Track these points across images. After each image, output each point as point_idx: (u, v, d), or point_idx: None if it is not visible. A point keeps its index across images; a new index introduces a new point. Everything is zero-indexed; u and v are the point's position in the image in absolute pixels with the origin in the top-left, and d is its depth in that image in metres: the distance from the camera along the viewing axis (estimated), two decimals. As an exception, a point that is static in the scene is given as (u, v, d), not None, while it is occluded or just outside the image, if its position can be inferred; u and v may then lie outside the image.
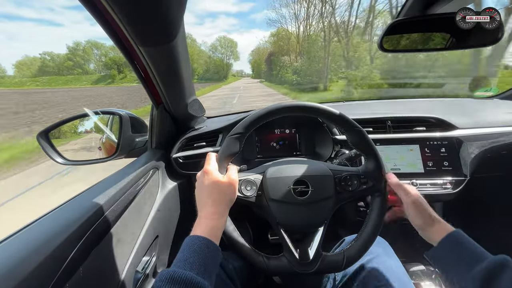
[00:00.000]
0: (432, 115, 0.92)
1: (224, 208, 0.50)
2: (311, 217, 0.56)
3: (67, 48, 77.82)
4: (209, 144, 0.94)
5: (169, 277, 0.35)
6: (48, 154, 0.78)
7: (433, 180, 0.86)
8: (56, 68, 74.10)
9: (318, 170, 0.59)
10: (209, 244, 0.42)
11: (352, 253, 0.54)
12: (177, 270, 0.36)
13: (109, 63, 67.97)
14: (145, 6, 0.43)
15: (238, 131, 0.56)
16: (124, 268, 0.57)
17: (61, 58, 75.87)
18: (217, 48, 77.53)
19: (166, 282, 0.34)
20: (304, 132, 1.03)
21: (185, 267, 0.38)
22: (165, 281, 0.34)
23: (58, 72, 73.12)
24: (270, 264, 0.54)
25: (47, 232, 0.41)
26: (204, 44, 78.82)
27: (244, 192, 0.58)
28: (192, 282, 0.35)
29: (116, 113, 0.88)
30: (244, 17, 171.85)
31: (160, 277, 0.35)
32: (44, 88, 46.62)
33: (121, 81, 60.19)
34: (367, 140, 0.58)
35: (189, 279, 0.35)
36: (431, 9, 0.63)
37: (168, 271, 0.36)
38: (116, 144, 0.85)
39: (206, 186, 0.50)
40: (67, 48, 77.80)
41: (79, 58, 75.35)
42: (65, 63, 73.92)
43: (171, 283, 0.34)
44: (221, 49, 77.28)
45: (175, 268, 0.37)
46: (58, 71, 73.56)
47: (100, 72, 72.17)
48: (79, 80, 64.41)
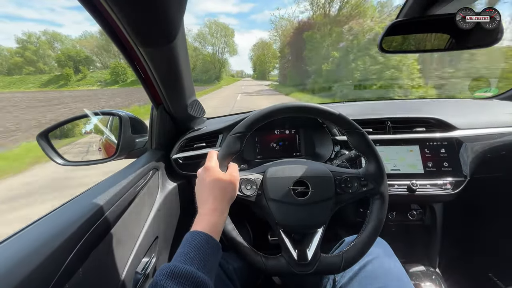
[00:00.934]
0: (432, 116, 0.92)
1: (224, 205, 0.50)
2: (310, 218, 0.56)
3: (16, 40, 58.59)
4: (209, 144, 0.94)
5: (170, 271, 0.35)
6: (48, 155, 0.78)
7: (433, 181, 0.86)
8: (6, 67, 55.69)
9: (318, 171, 0.59)
10: (210, 240, 0.42)
11: (351, 255, 0.54)
12: (177, 264, 0.36)
13: (62, 58, 52.69)
14: (145, 7, 0.43)
15: (240, 130, 0.57)
16: (124, 269, 0.57)
17: (12, 53, 57.42)
18: (206, 38, 56.09)
19: (167, 276, 0.34)
20: (304, 132, 1.03)
21: (185, 262, 0.37)
22: (166, 275, 0.34)
23: (9, 72, 55.33)
24: (268, 263, 0.54)
25: (47, 233, 0.41)
26: (188, 33, 54.94)
27: (244, 191, 0.58)
28: (192, 276, 0.35)
29: (116, 113, 0.88)
30: (244, 18, 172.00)
31: (161, 271, 0.35)
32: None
33: (77, 83, 49.44)
34: (369, 142, 0.58)
35: (189, 273, 0.35)
36: (431, 9, 0.63)
37: (168, 265, 0.36)
38: (116, 145, 0.85)
39: (207, 182, 0.50)
40: (15, 41, 58.60)
41: (30, 53, 57.22)
42: (12, 59, 56.19)
43: (172, 277, 0.34)
44: (212, 39, 56.71)
45: (175, 263, 0.37)
46: (9, 70, 55.87)
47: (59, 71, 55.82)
48: (23, 82, 50.78)
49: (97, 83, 51.14)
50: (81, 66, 54.25)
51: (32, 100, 20.08)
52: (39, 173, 3.89)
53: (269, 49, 61.57)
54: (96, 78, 53.20)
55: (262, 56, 60.52)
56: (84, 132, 0.97)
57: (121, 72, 50.92)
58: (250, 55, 70.10)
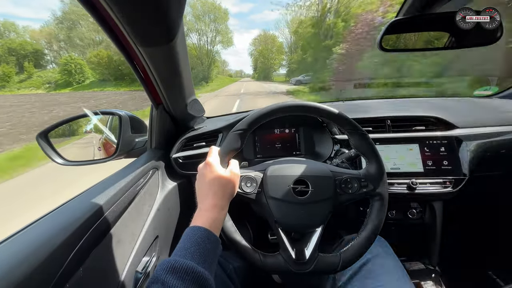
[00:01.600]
0: (432, 114, 0.92)
1: (225, 201, 0.50)
2: (310, 217, 0.56)
3: None
4: (209, 144, 0.94)
5: (170, 266, 0.35)
6: (48, 154, 0.78)
7: (432, 180, 0.86)
8: None
9: (319, 171, 0.59)
10: (210, 236, 0.42)
11: (349, 255, 0.54)
12: (178, 259, 0.36)
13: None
14: (144, 6, 0.43)
15: (242, 127, 0.57)
16: (124, 269, 0.57)
17: None
18: (188, 23, 37.25)
19: (167, 271, 0.34)
20: (304, 131, 1.03)
21: (185, 257, 0.37)
22: (166, 270, 0.34)
23: None
24: (266, 261, 0.54)
25: (47, 232, 0.41)
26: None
27: (244, 189, 0.58)
28: (193, 271, 0.35)
29: (116, 113, 0.88)
30: (244, 18, 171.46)
31: (161, 266, 0.35)
32: None
33: (19, 85, 36.55)
34: (370, 143, 0.58)
35: (190, 268, 0.35)
36: (430, 8, 0.63)
37: (169, 260, 0.36)
38: (116, 144, 0.85)
39: (208, 178, 0.50)
40: None
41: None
42: None
43: (172, 272, 0.34)
44: (198, 23, 38.19)
45: (175, 257, 0.37)
46: None
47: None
48: None
49: (46, 85, 37.89)
50: (26, 62, 39.46)
51: None
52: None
53: (273, 43, 49.23)
54: (45, 78, 39.75)
55: (265, 51, 47.81)
56: (84, 131, 0.97)
57: (76, 70, 36.36)
58: (250, 51, 57.47)
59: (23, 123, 9.56)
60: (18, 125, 9.34)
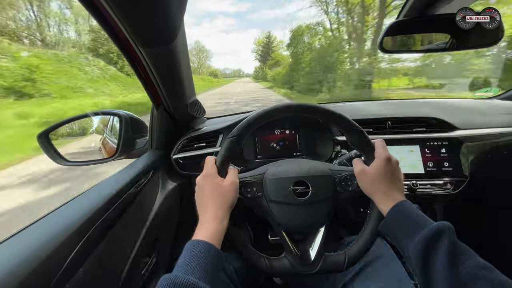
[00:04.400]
0: (432, 116, 0.92)
1: (225, 212, 0.49)
2: (312, 218, 0.56)
3: None
4: (209, 145, 0.94)
5: (171, 282, 0.34)
6: (48, 155, 0.78)
7: (433, 181, 0.86)
8: None
9: (318, 171, 0.59)
10: (211, 249, 0.42)
11: (353, 252, 0.54)
12: (178, 275, 0.36)
13: None
14: (145, 7, 0.43)
15: (237, 133, 0.56)
16: (124, 269, 0.57)
17: None
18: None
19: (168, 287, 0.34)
20: (304, 132, 1.03)
21: (186, 272, 0.37)
22: (167, 286, 0.34)
23: None
24: (272, 265, 0.54)
25: (47, 233, 0.41)
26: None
27: (245, 194, 0.58)
28: (193, 287, 0.35)
29: (117, 113, 0.88)
30: (242, 17, 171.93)
31: (162, 282, 0.35)
32: None
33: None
34: (367, 140, 0.58)
35: (191, 284, 0.35)
36: (431, 9, 0.63)
37: (170, 276, 0.36)
38: (116, 145, 0.85)
39: (206, 190, 0.50)
40: None
41: None
42: None
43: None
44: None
45: (176, 273, 0.37)
46: None
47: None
48: None
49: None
50: None
51: None
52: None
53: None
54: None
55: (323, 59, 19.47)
56: (85, 131, 0.97)
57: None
58: (254, 49, 49.65)
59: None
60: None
